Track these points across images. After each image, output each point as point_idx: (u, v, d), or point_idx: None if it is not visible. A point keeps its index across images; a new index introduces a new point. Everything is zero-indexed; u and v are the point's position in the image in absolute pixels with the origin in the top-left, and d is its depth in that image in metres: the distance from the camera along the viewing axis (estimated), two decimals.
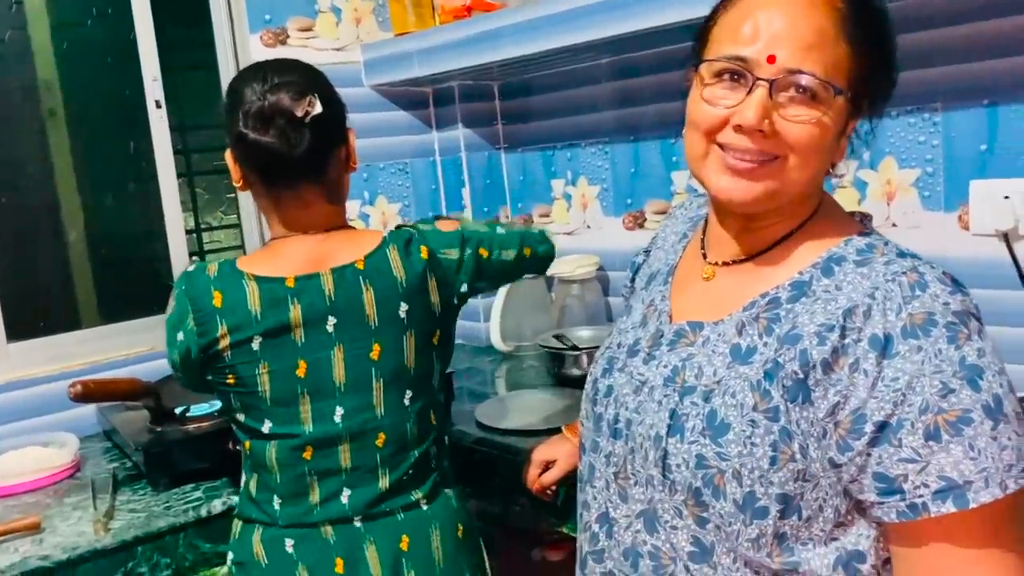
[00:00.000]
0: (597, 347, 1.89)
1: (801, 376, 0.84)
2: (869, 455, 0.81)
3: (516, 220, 2.47)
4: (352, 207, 2.32)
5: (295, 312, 1.24)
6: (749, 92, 0.85)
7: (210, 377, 1.29)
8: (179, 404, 1.70)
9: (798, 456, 0.84)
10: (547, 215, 2.39)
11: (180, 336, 1.26)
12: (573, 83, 2.25)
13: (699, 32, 0.96)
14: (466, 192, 2.42)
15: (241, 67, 2.19)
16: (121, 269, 2.14)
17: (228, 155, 1.30)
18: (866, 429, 0.80)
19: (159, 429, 1.66)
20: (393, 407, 1.30)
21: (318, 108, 1.22)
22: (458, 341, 2.46)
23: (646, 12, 1.65)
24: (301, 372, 1.25)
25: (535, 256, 1.49)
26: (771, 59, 0.84)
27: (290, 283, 1.25)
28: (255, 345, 1.24)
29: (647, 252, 1.20)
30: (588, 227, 2.29)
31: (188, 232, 2.19)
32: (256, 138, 1.21)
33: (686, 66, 0.96)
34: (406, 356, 1.30)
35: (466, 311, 2.45)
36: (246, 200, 2.28)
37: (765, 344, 0.88)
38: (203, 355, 1.26)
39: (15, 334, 1.96)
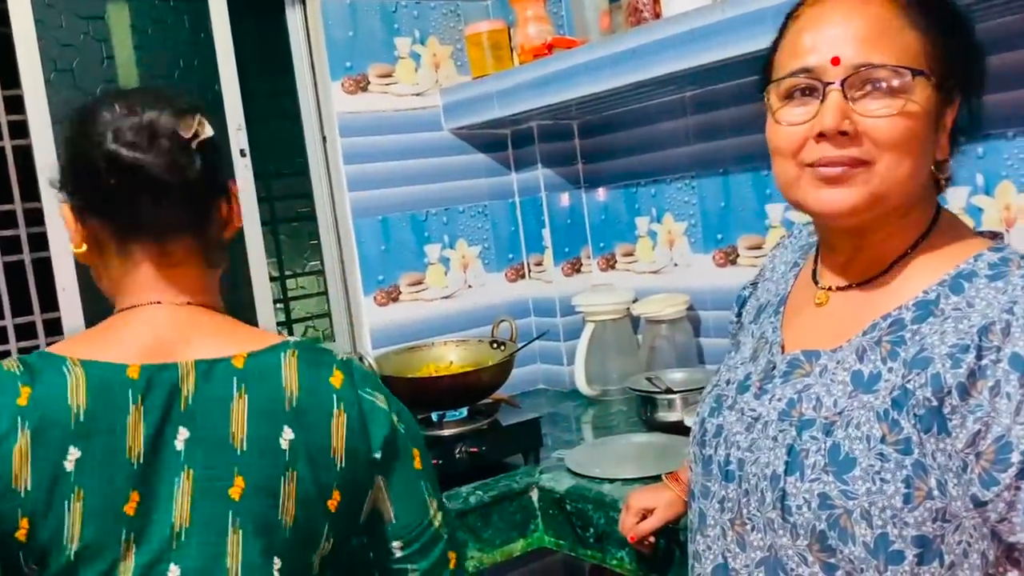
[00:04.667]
0: (691, 390, 1.83)
1: (935, 403, 0.77)
2: (1019, 489, 0.74)
3: (597, 261, 2.41)
4: (434, 250, 2.30)
5: (134, 417, 0.86)
6: (823, 100, 0.83)
7: None
8: None
9: (935, 493, 0.77)
10: (631, 254, 2.33)
11: None
12: (655, 118, 2.19)
13: (764, 64, 0.95)
14: (546, 233, 2.37)
15: (323, 115, 2.22)
16: None
17: (65, 210, 0.95)
18: (1012, 459, 0.74)
19: None
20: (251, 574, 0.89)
21: (208, 130, 0.93)
22: (540, 386, 2.46)
23: (724, 44, 1.59)
24: (130, 509, 0.86)
25: (446, 561, 1.02)
26: (835, 61, 0.82)
27: (132, 373, 0.88)
28: (69, 462, 0.84)
29: (754, 285, 1.16)
30: (675, 265, 2.21)
31: (272, 279, 2.20)
32: (133, 156, 0.87)
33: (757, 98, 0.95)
34: (281, 506, 0.90)
35: (548, 353, 2.43)
36: (329, 245, 2.27)
37: (890, 370, 0.82)
38: None
39: None
